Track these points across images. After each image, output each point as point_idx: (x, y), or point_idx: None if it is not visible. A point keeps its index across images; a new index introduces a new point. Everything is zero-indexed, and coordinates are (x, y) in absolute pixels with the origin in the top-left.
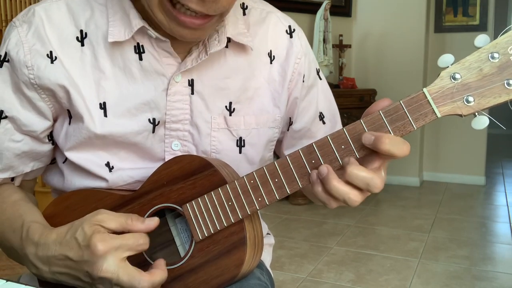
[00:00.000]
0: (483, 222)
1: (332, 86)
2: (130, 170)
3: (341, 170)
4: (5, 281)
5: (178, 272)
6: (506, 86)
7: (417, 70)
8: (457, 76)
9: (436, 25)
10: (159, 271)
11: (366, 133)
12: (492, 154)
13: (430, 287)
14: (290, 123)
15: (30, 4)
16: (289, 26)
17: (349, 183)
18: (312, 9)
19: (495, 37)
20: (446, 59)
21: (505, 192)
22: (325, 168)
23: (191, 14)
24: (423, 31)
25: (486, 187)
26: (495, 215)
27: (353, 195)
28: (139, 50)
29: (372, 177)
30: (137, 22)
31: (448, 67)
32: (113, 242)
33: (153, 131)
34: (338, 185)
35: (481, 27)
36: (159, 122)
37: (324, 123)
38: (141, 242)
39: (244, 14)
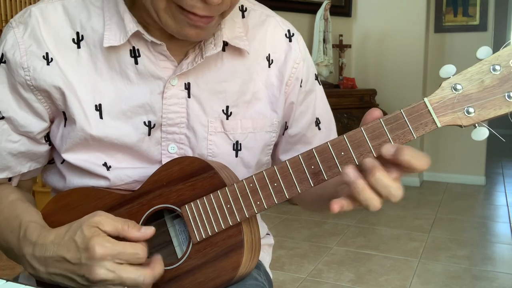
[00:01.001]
0: (483, 222)
1: (332, 86)
2: (127, 170)
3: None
4: (5, 281)
5: (175, 273)
6: (507, 99)
7: (417, 70)
8: (458, 87)
9: (436, 25)
10: (158, 264)
11: (387, 145)
12: (492, 154)
13: (430, 287)
14: (286, 127)
15: (30, 4)
16: (288, 30)
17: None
18: (312, 9)
19: (495, 37)
20: (447, 69)
21: (505, 192)
22: (370, 160)
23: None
24: (423, 31)
25: (486, 187)
26: (495, 215)
27: (394, 189)
28: (134, 54)
29: (397, 186)
30: (132, 27)
31: (449, 77)
32: (112, 248)
33: (149, 134)
34: (383, 178)
35: (481, 27)
36: (154, 125)
37: (320, 129)
38: (140, 256)
39: (243, 16)
